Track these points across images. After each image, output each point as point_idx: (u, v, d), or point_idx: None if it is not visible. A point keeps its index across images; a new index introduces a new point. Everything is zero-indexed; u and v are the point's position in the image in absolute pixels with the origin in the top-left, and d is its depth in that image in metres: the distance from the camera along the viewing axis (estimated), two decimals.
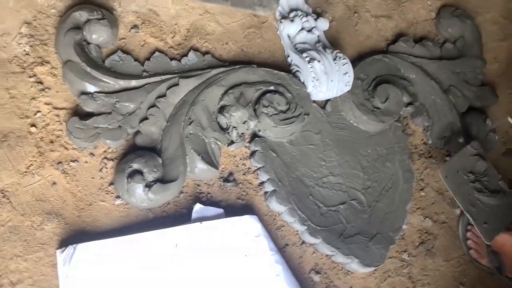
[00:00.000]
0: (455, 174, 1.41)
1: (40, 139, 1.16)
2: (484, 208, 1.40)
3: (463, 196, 1.40)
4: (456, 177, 1.41)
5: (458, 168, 1.42)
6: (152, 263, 1.11)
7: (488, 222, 1.38)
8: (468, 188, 1.41)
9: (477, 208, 1.39)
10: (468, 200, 1.39)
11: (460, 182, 1.41)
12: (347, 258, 1.28)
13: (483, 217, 1.38)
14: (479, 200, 1.40)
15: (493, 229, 1.37)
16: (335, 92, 1.38)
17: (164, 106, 1.24)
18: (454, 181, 1.40)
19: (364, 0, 1.64)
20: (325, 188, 1.34)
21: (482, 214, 1.38)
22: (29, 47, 1.22)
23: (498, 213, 1.40)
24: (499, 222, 1.39)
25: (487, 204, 1.40)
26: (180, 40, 1.37)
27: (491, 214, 1.39)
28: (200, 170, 1.23)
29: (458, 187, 1.40)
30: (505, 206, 1.42)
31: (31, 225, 1.10)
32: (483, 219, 1.38)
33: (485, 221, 1.38)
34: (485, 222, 1.38)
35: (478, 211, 1.39)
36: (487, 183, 1.43)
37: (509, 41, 1.81)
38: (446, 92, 1.57)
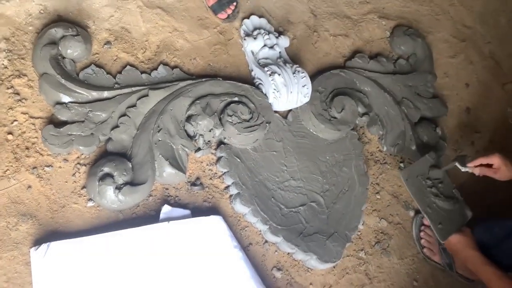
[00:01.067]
0: (415, 179, 1.54)
1: (17, 146, 1.24)
2: (440, 211, 1.52)
3: (421, 198, 1.52)
4: (415, 181, 1.54)
5: (418, 174, 1.55)
6: (122, 260, 1.19)
7: (442, 223, 1.49)
8: (426, 192, 1.54)
9: (433, 210, 1.51)
10: (425, 202, 1.52)
11: (419, 186, 1.54)
12: (306, 255, 1.37)
13: (438, 218, 1.50)
14: (435, 204, 1.53)
15: (447, 230, 1.49)
16: (295, 103, 1.50)
17: (134, 115, 1.34)
18: (413, 185, 1.53)
19: (323, 20, 1.78)
20: (286, 191, 1.44)
21: (437, 215, 1.50)
22: (7, 61, 1.30)
23: (451, 217, 1.52)
24: (453, 224, 1.50)
25: (442, 208, 1.53)
26: (150, 55, 1.47)
27: (446, 216, 1.51)
28: (168, 174, 1.32)
29: (417, 190, 1.53)
30: (457, 212, 1.54)
31: (6, 226, 1.17)
32: (439, 220, 1.50)
33: (440, 222, 1.49)
34: (440, 223, 1.49)
35: (434, 213, 1.51)
36: (442, 189, 1.56)
37: (458, 58, 1.97)
38: (399, 104, 1.70)
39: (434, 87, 1.82)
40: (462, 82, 1.94)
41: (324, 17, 1.79)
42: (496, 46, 2.07)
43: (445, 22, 2.03)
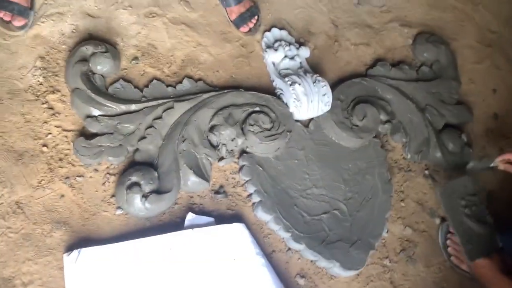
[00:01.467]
0: (450, 196, 1.54)
1: (51, 157, 1.32)
2: (470, 231, 1.50)
3: (454, 216, 1.52)
4: (450, 199, 1.54)
5: (454, 192, 1.55)
6: (149, 265, 1.23)
7: (472, 244, 1.47)
8: (459, 210, 1.52)
9: (465, 229, 1.50)
10: (458, 220, 1.51)
11: (453, 204, 1.53)
12: (329, 263, 1.38)
13: (468, 238, 1.48)
14: (467, 224, 1.51)
15: (476, 251, 1.46)
16: (316, 112, 1.53)
17: (160, 126, 1.40)
18: (448, 201, 1.53)
19: (344, 30, 1.81)
20: (308, 199, 1.46)
21: (468, 235, 1.49)
22: (42, 78, 1.39)
23: (481, 241, 1.49)
24: (483, 247, 1.47)
25: (473, 230, 1.50)
26: (175, 69, 1.54)
27: (475, 239, 1.49)
28: (192, 182, 1.36)
29: (451, 207, 1.53)
30: (488, 238, 1.51)
31: (41, 233, 1.24)
32: (469, 240, 1.48)
33: (470, 242, 1.48)
34: (470, 243, 1.48)
35: (465, 232, 1.49)
36: (475, 212, 1.54)
37: (484, 63, 1.95)
38: (423, 111, 1.70)
39: (459, 93, 1.81)
40: (489, 87, 1.91)
41: (345, 27, 1.82)
42: None
43: (470, 28, 2.01)
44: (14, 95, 1.35)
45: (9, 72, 1.37)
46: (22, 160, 1.30)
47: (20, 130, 1.32)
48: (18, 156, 1.30)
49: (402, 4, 1.95)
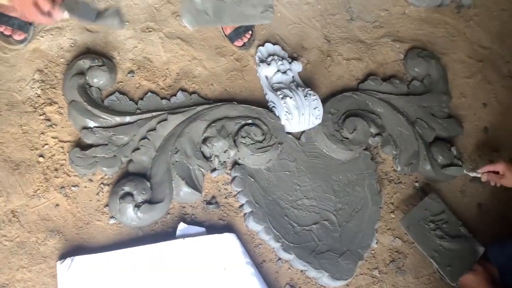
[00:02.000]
0: (416, 224, 1.55)
1: (47, 168, 1.35)
2: (447, 253, 1.52)
3: (425, 243, 1.53)
4: (417, 227, 1.55)
5: (419, 218, 1.56)
6: (140, 274, 1.26)
7: (451, 265, 1.49)
8: (430, 235, 1.54)
9: (440, 253, 1.51)
10: (430, 246, 1.52)
11: (422, 231, 1.54)
12: (318, 273, 1.40)
13: (446, 261, 1.50)
14: (441, 246, 1.53)
15: (457, 271, 1.49)
16: (307, 125, 1.56)
17: (154, 138, 1.43)
18: (416, 231, 1.54)
19: (336, 45, 1.85)
20: (299, 210, 1.49)
21: (445, 258, 1.51)
22: (40, 90, 1.43)
23: (461, 256, 1.52)
24: (463, 264, 1.50)
25: (449, 249, 1.53)
26: (170, 83, 1.58)
27: (454, 257, 1.51)
28: (184, 193, 1.40)
29: (420, 236, 1.54)
30: (467, 250, 1.54)
31: (36, 241, 1.27)
32: (447, 263, 1.50)
33: (448, 264, 1.50)
34: (449, 265, 1.50)
35: (441, 256, 1.51)
36: (447, 230, 1.57)
37: (475, 78, 1.99)
38: (413, 124, 1.73)
39: (450, 107, 1.84)
40: (480, 101, 1.94)
41: (338, 42, 1.86)
42: None
43: (461, 43, 2.05)
44: (12, 106, 1.39)
45: (8, 84, 1.42)
46: (19, 170, 1.33)
47: (18, 140, 1.36)
48: (15, 166, 1.33)
49: (394, 20, 1.99)
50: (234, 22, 1.39)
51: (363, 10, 1.97)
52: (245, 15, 1.32)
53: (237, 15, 1.32)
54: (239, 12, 1.32)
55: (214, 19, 1.31)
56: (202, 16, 1.29)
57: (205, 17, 1.30)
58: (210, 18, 1.30)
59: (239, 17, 1.33)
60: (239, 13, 1.32)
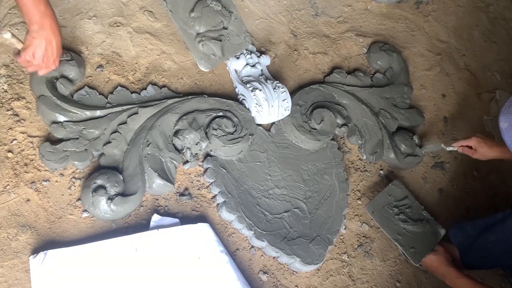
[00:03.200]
0: (381, 209, 1.63)
1: (16, 163, 1.34)
2: (410, 236, 1.60)
3: (390, 227, 1.61)
4: (382, 212, 1.63)
5: (383, 204, 1.64)
6: (115, 265, 1.27)
7: (414, 247, 1.58)
8: (393, 220, 1.62)
9: (404, 236, 1.60)
10: (394, 230, 1.61)
11: (386, 216, 1.63)
12: (290, 258, 1.45)
13: (410, 243, 1.59)
14: (405, 229, 1.62)
15: (420, 252, 1.58)
16: (277, 116, 1.60)
17: (125, 131, 1.44)
18: (380, 216, 1.62)
19: (303, 39, 1.90)
20: (270, 199, 1.53)
21: (408, 240, 1.59)
22: (7, 85, 1.41)
23: (423, 239, 1.61)
24: (425, 245, 1.59)
25: (412, 232, 1.61)
26: (140, 77, 1.58)
27: (417, 240, 1.60)
28: (157, 185, 1.41)
29: (385, 220, 1.62)
30: (429, 232, 1.63)
31: (7, 236, 1.25)
32: (410, 245, 1.59)
33: (412, 246, 1.58)
34: (412, 247, 1.58)
35: (405, 239, 1.59)
36: (410, 214, 1.66)
37: (434, 70, 2.09)
38: (377, 115, 1.80)
39: (411, 98, 1.93)
40: (439, 93, 2.04)
41: (304, 37, 1.91)
42: (470, 59, 2.19)
43: (420, 37, 2.15)
44: None
45: None
46: None
47: None
48: None
49: (357, 15, 2.06)
50: (232, 54, 1.62)
51: (327, 5, 2.03)
52: (236, 45, 1.61)
53: (233, 47, 1.60)
54: (232, 45, 1.60)
55: (220, 57, 1.59)
56: (211, 58, 1.58)
57: (214, 58, 1.58)
58: (217, 57, 1.58)
59: (234, 48, 1.61)
60: (232, 45, 1.60)
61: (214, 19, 1.61)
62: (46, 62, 1.22)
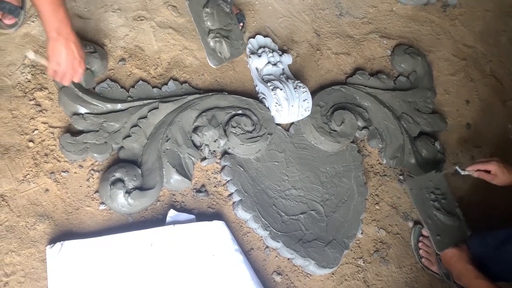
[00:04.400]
0: (419, 190, 1.62)
1: (36, 153, 1.35)
2: (439, 223, 1.58)
3: (423, 208, 1.59)
4: (419, 193, 1.61)
5: (423, 186, 1.63)
6: (130, 259, 1.27)
7: (441, 235, 1.55)
8: (428, 204, 1.60)
9: (433, 221, 1.57)
10: (426, 213, 1.58)
11: (422, 197, 1.61)
12: (305, 261, 1.43)
13: (437, 230, 1.56)
14: (436, 216, 1.59)
15: (445, 242, 1.55)
16: (296, 116, 1.59)
17: (145, 126, 1.44)
18: (417, 195, 1.60)
19: (326, 39, 1.88)
20: (287, 200, 1.52)
21: (437, 227, 1.57)
22: (30, 75, 1.43)
23: (450, 232, 1.58)
24: (451, 238, 1.56)
25: (442, 221, 1.59)
26: (161, 71, 1.58)
27: (445, 229, 1.57)
28: (175, 181, 1.41)
29: (420, 200, 1.60)
30: (457, 229, 1.60)
31: (25, 225, 1.27)
32: (437, 232, 1.56)
33: (438, 233, 1.55)
34: (438, 234, 1.55)
35: (434, 224, 1.57)
36: (444, 205, 1.62)
37: (458, 75, 2.04)
38: (399, 119, 1.77)
39: (434, 103, 1.89)
40: (463, 98, 2.00)
41: (327, 37, 1.89)
42: (497, 65, 2.14)
43: (446, 41, 2.10)
44: (2, 91, 1.38)
45: None
46: (8, 154, 1.33)
47: (7, 125, 1.36)
48: (4, 151, 1.33)
49: (382, 17, 2.03)
50: (234, 56, 1.63)
51: (352, 6, 2.00)
52: (236, 49, 1.63)
53: (234, 49, 1.62)
54: (233, 47, 1.62)
55: (225, 58, 1.61)
56: (218, 56, 1.61)
57: (219, 57, 1.61)
58: (223, 57, 1.61)
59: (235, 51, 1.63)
60: (234, 48, 1.62)
61: (224, 19, 1.61)
62: (72, 66, 1.24)
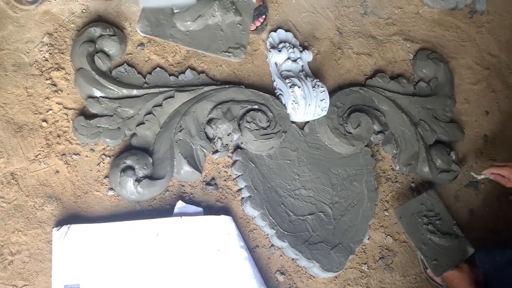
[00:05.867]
0: (410, 216, 1.57)
1: (49, 133, 1.34)
2: (435, 247, 1.54)
3: (415, 235, 1.55)
4: (410, 219, 1.57)
5: (413, 211, 1.58)
6: (135, 248, 1.27)
7: (438, 259, 1.52)
8: (421, 229, 1.56)
9: (428, 246, 1.54)
10: (420, 239, 1.55)
11: (414, 223, 1.57)
12: (309, 262, 1.42)
13: (433, 254, 1.53)
14: (431, 240, 1.56)
15: (442, 266, 1.52)
16: (312, 116, 1.56)
17: (159, 114, 1.43)
18: (408, 222, 1.56)
19: (348, 38, 1.84)
20: (296, 199, 1.50)
21: (432, 252, 1.53)
22: (48, 54, 1.41)
23: (448, 253, 1.54)
24: (449, 260, 1.53)
25: (438, 244, 1.55)
26: (179, 59, 1.56)
27: (442, 253, 1.54)
28: (185, 172, 1.40)
29: (411, 228, 1.56)
30: (456, 248, 1.57)
31: (33, 205, 1.27)
32: (434, 256, 1.53)
33: (435, 258, 1.53)
34: (435, 259, 1.53)
35: (429, 249, 1.54)
36: (440, 226, 1.59)
37: (480, 85, 1.99)
38: (416, 125, 1.74)
39: (453, 111, 1.85)
40: (482, 109, 1.95)
41: (350, 35, 1.85)
42: None
43: (470, 49, 2.05)
44: (19, 68, 1.37)
45: (16, 44, 1.39)
46: (21, 132, 1.32)
47: (22, 103, 1.35)
48: (18, 129, 1.32)
49: (407, 19, 1.98)
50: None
51: (377, 5, 1.95)
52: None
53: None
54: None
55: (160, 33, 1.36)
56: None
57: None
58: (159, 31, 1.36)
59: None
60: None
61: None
62: None
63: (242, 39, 1.43)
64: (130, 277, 1.24)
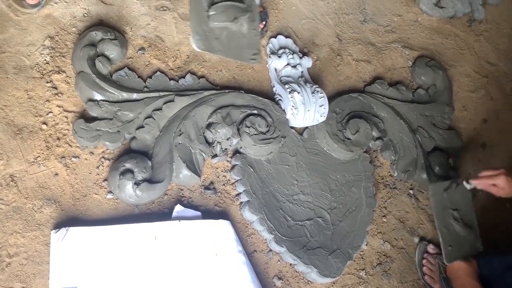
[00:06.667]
0: (441, 196, 1.57)
1: (49, 136, 1.35)
2: (454, 234, 1.54)
3: (440, 216, 1.55)
4: (440, 199, 1.56)
5: (445, 193, 1.57)
6: (133, 251, 1.27)
7: (452, 246, 1.52)
8: (447, 212, 1.56)
9: (449, 231, 1.54)
10: (443, 221, 1.54)
11: (442, 204, 1.56)
12: (307, 268, 1.42)
13: (450, 240, 1.52)
14: (452, 226, 1.55)
15: (455, 254, 1.51)
16: (311, 121, 1.57)
17: (159, 118, 1.43)
18: (437, 201, 1.56)
19: (347, 45, 1.85)
20: (294, 204, 1.50)
21: (450, 237, 1.53)
22: (49, 57, 1.42)
23: (463, 244, 1.54)
24: (462, 250, 1.53)
25: (457, 232, 1.55)
26: (180, 64, 1.57)
27: (458, 241, 1.53)
28: (184, 176, 1.40)
29: (439, 207, 1.55)
30: (470, 242, 1.56)
31: (32, 208, 1.27)
32: (450, 243, 1.52)
33: (450, 244, 1.52)
34: (450, 245, 1.52)
35: (448, 234, 1.53)
36: (463, 216, 1.58)
37: (478, 93, 2.01)
38: (414, 132, 1.75)
39: (451, 119, 1.86)
40: (480, 117, 1.96)
41: (349, 42, 1.86)
42: None
43: (469, 57, 2.06)
44: (20, 70, 1.38)
45: (17, 47, 1.40)
46: (21, 135, 1.33)
47: (22, 105, 1.35)
48: (17, 131, 1.33)
49: (406, 26, 2.00)
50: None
51: (376, 13, 1.97)
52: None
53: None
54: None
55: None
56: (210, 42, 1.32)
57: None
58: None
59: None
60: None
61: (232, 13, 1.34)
62: None
63: (258, 43, 1.37)
64: (128, 281, 1.24)
